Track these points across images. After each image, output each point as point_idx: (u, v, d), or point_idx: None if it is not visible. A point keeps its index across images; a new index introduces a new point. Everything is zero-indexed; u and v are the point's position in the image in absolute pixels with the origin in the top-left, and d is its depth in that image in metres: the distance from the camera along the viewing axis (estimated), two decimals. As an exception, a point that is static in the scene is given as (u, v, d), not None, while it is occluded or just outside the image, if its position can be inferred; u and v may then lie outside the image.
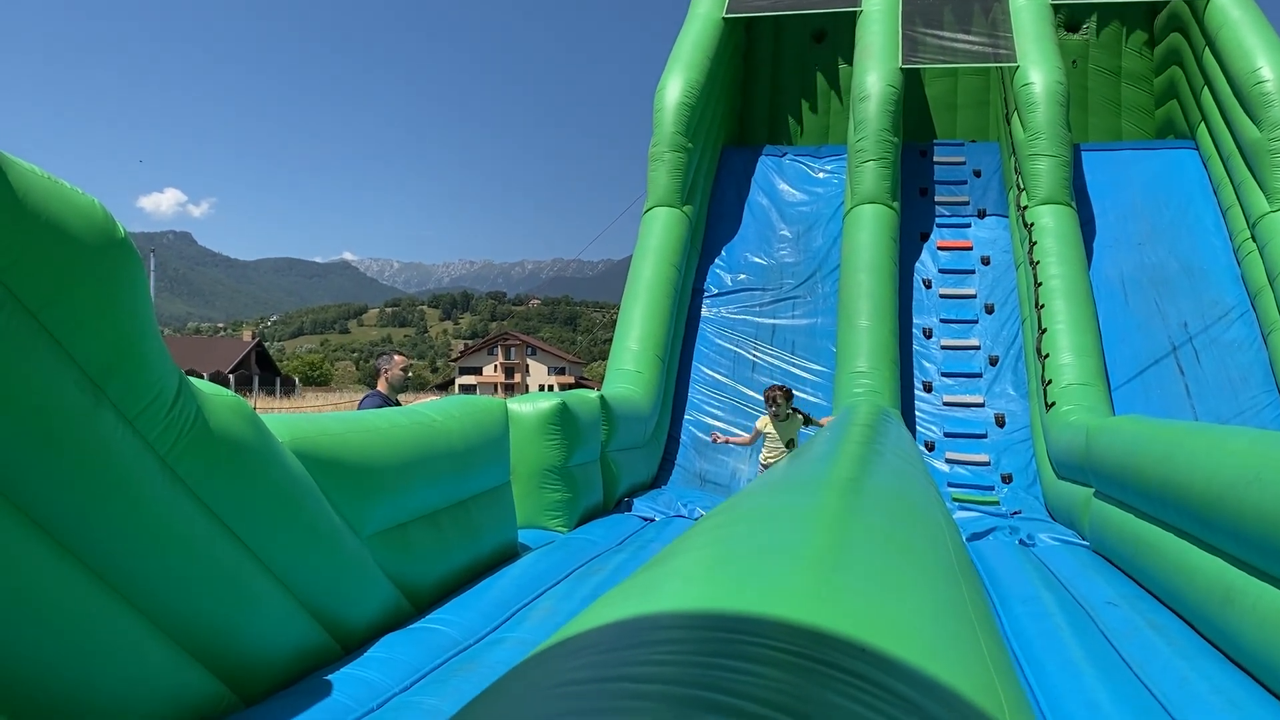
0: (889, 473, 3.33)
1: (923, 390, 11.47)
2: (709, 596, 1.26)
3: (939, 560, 2.00)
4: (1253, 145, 11.24)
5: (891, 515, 2.35)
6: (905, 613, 1.37)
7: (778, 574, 1.41)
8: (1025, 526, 8.58)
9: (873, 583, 1.50)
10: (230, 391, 3.77)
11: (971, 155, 13.74)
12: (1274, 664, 3.85)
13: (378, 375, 7.87)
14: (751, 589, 1.30)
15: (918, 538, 2.15)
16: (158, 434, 3.28)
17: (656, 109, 12.51)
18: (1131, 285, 11.96)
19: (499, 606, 5.12)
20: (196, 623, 3.43)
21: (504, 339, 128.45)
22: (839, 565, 1.53)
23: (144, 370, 3.19)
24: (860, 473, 3.01)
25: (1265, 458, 4.15)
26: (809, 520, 1.90)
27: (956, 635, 1.37)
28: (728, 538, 1.71)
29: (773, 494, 2.36)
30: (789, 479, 2.74)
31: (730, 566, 1.46)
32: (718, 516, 2.09)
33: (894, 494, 2.79)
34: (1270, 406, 10.55)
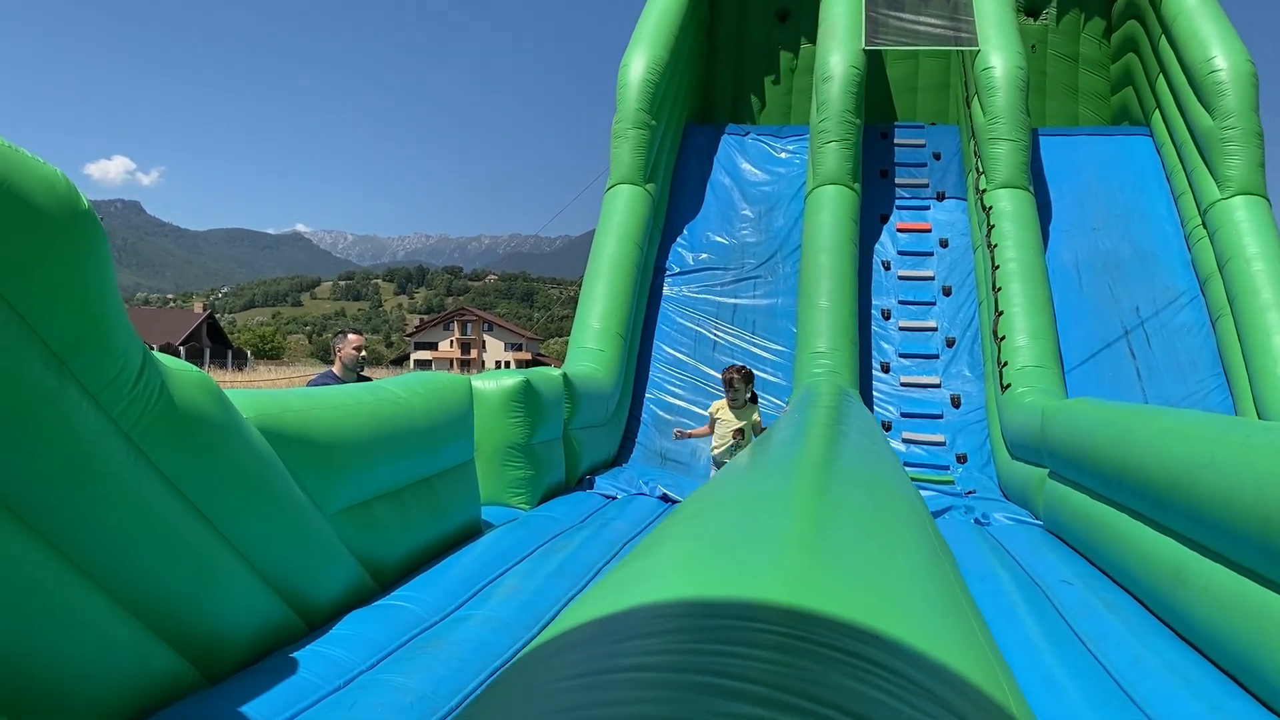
0: (860, 455, 3.37)
1: (880, 371, 11.58)
2: (698, 585, 1.27)
3: (918, 540, 2.03)
4: (1205, 133, 11.43)
5: (868, 496, 2.37)
6: (897, 594, 1.39)
7: (764, 559, 1.42)
8: (980, 506, 8.72)
9: (859, 564, 1.52)
10: (195, 367, 3.72)
11: (931, 138, 13.84)
12: (1225, 643, 3.96)
13: (332, 353, 7.78)
14: (739, 575, 1.31)
15: (896, 519, 2.18)
16: (122, 409, 3.22)
17: (620, 85, 12.45)
18: (1086, 269, 12.15)
19: (463, 584, 5.11)
20: (162, 601, 3.39)
21: (460, 314, 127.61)
22: (824, 549, 1.55)
23: (108, 345, 3.13)
24: (832, 455, 3.04)
25: (1220, 442, 4.24)
26: (788, 505, 1.92)
27: (946, 614, 1.39)
28: (709, 526, 1.72)
29: (748, 480, 2.37)
30: (761, 464, 2.76)
31: (715, 555, 1.46)
32: (695, 504, 2.10)
33: (867, 476, 2.82)
34: (1217, 390, 10.79)
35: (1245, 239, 10.70)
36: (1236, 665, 3.89)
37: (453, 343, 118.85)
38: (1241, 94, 11.12)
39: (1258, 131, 11.21)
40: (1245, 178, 11.05)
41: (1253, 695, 3.73)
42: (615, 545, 6.39)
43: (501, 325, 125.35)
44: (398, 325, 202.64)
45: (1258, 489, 3.74)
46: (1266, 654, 3.63)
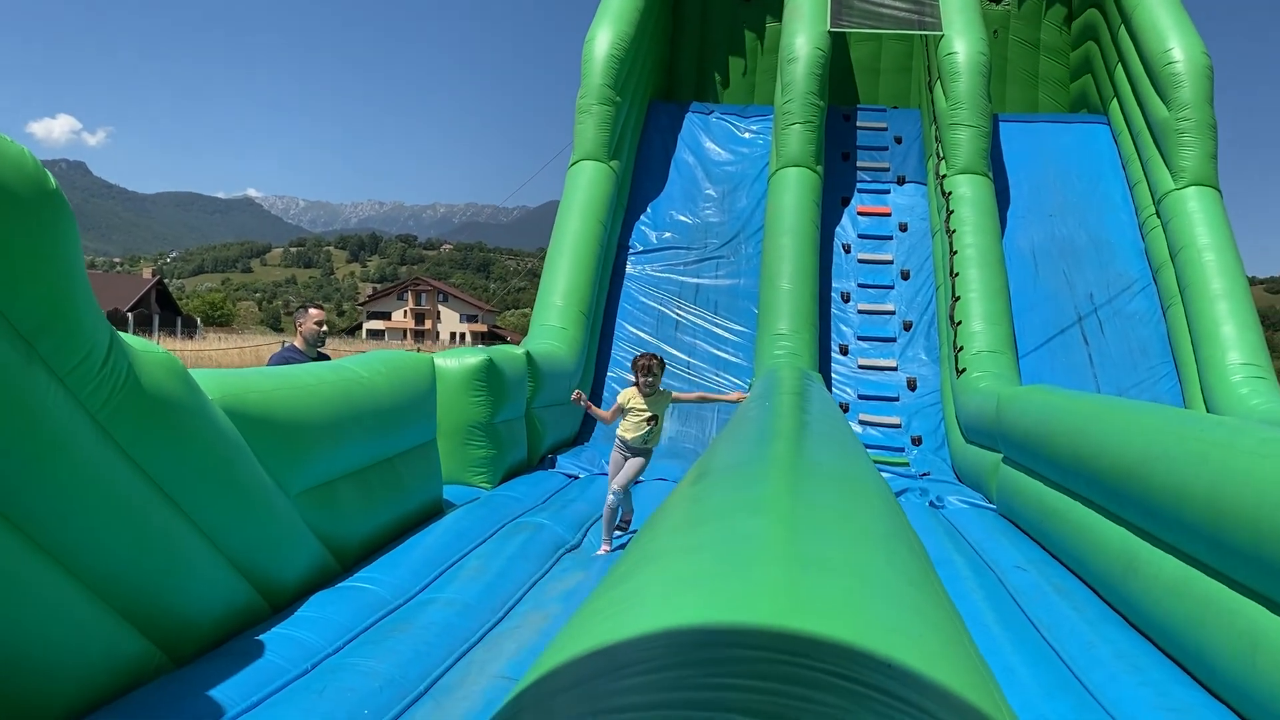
0: (829, 449, 3.41)
1: (839, 353, 11.69)
2: (682, 612, 1.29)
3: (895, 539, 2.07)
4: (1161, 124, 11.62)
5: (842, 496, 2.41)
6: (884, 606, 1.42)
7: (747, 579, 1.44)
8: (935, 489, 8.87)
9: (842, 576, 1.55)
10: (161, 348, 3.67)
11: (893, 122, 13.92)
12: (1174, 631, 4.08)
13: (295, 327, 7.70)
14: (723, 599, 1.33)
15: (872, 516, 2.22)
16: (89, 392, 3.18)
17: (585, 60, 12.36)
18: (1042, 256, 12.33)
19: (427, 565, 5.11)
20: (128, 584, 3.36)
21: (414, 284, 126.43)
22: (806, 562, 1.58)
23: (76, 327, 3.08)
24: (803, 453, 3.07)
25: (1174, 435, 4.35)
26: (766, 513, 1.95)
27: (933, 623, 1.43)
28: (689, 543, 1.74)
29: (723, 486, 2.40)
30: (734, 466, 2.79)
31: (698, 578, 1.47)
32: (672, 516, 2.12)
33: (839, 472, 2.86)
34: (1167, 377, 11.04)
35: (1197, 229, 10.92)
36: (1184, 653, 4.01)
37: (407, 313, 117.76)
38: (1197, 86, 11.31)
39: (1211, 124, 11.42)
40: (1198, 169, 11.25)
41: (1199, 682, 3.86)
42: (578, 526, 6.42)
43: (457, 296, 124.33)
44: (350, 294, 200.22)
45: (1209, 483, 3.85)
46: (1212, 643, 3.75)
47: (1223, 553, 3.69)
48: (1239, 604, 3.55)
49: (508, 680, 3.64)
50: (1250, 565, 3.46)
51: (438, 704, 3.45)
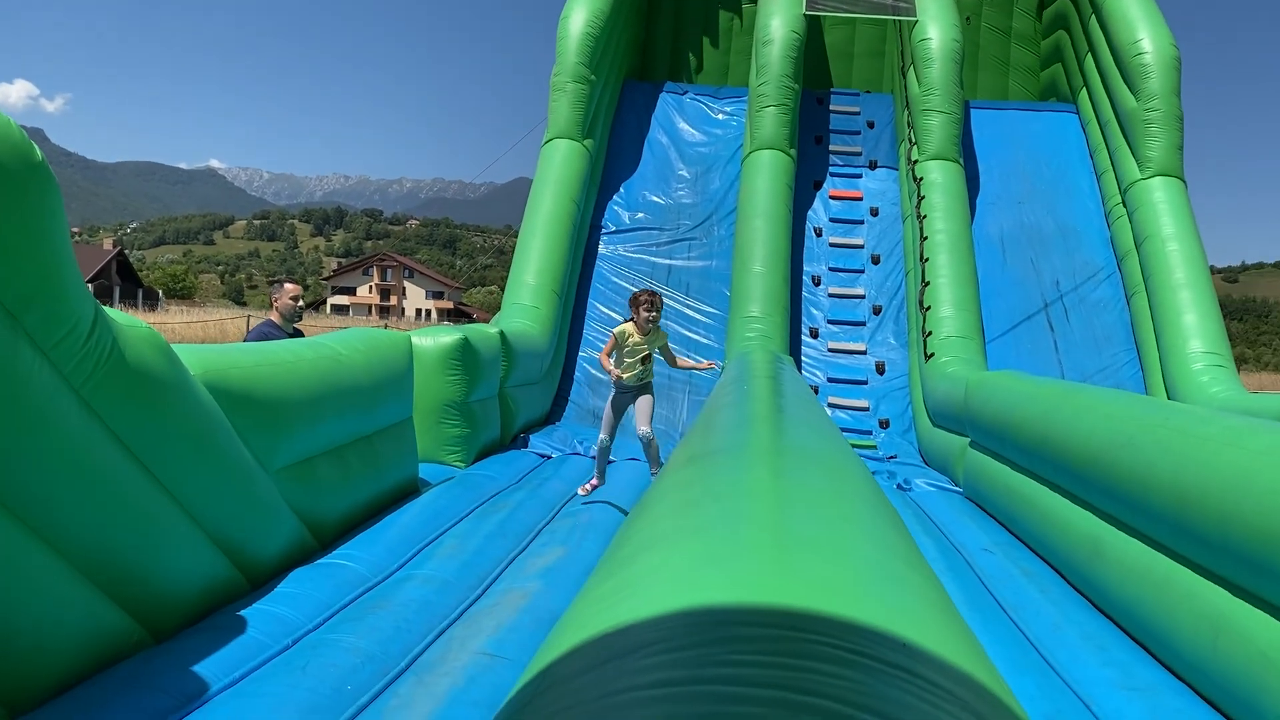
0: (807, 431, 3.47)
1: (809, 336, 11.79)
2: (707, 593, 1.33)
3: (881, 518, 2.13)
4: (1129, 114, 11.78)
5: (827, 478, 2.47)
6: (882, 584, 1.48)
7: (747, 562, 1.48)
8: (902, 471, 9.00)
9: (839, 556, 1.60)
10: (144, 323, 3.66)
11: (866, 106, 13.99)
12: (1138, 613, 4.20)
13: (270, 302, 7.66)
14: (727, 581, 1.37)
15: (857, 498, 2.27)
16: (73, 366, 3.18)
17: (560, 37, 12.31)
18: (1010, 242, 12.48)
19: (404, 543, 5.14)
20: (109, 558, 3.37)
21: (380, 259, 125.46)
22: (808, 543, 1.63)
23: (61, 300, 3.07)
24: (787, 437, 3.13)
25: (1140, 423, 4.46)
26: (755, 498, 2.00)
27: (930, 601, 1.49)
28: (695, 527, 1.77)
29: (710, 472, 2.44)
30: (716, 451, 2.84)
31: (700, 563, 1.51)
32: (668, 500, 2.16)
33: (819, 455, 2.91)
34: (1129, 364, 11.24)
35: (1162, 219, 11.11)
36: (1147, 635, 4.13)
37: (372, 288, 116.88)
38: (1165, 77, 11.47)
39: (1178, 115, 11.60)
40: (1164, 159, 11.43)
41: (1162, 663, 3.98)
42: (553, 505, 6.46)
43: (423, 272, 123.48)
44: (314, 268, 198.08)
45: (1173, 470, 3.95)
46: (1174, 624, 3.86)
47: (1186, 538, 3.80)
48: (1202, 587, 3.66)
49: (489, 657, 3.68)
50: (1213, 550, 3.56)
51: (420, 680, 3.49)
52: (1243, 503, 3.33)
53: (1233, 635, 3.40)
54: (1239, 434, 3.67)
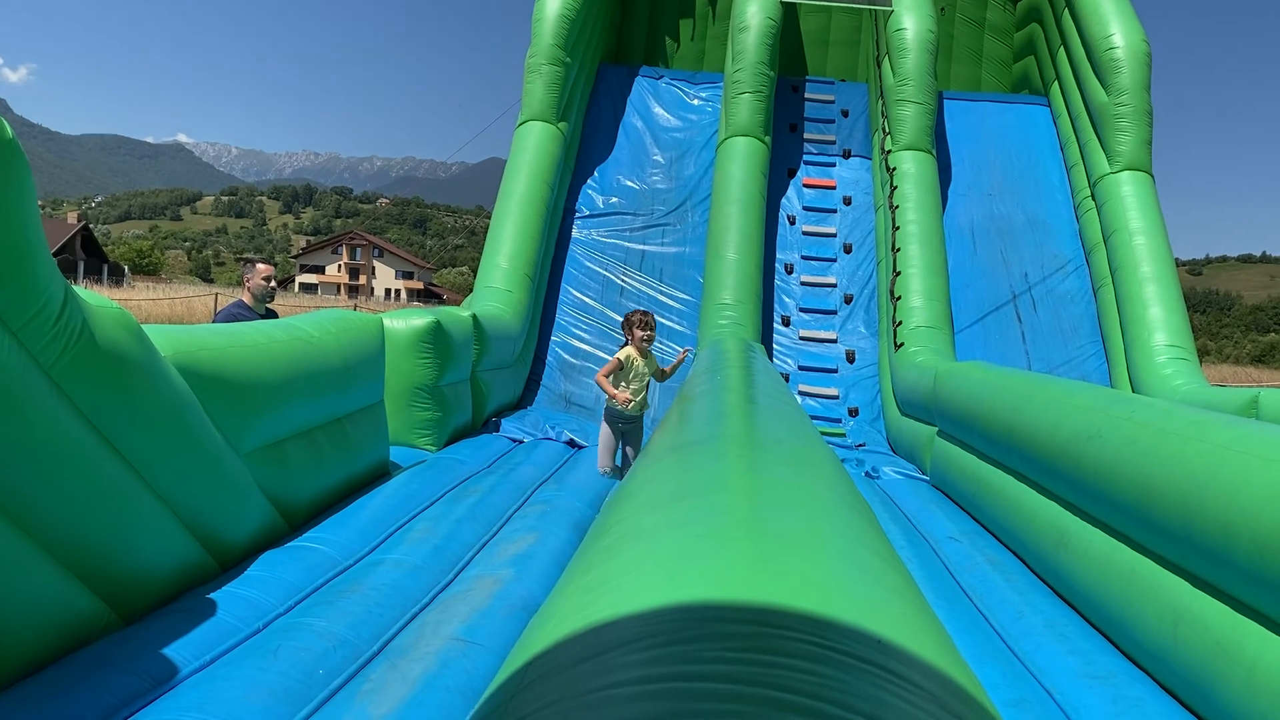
0: (785, 424, 3.50)
1: (781, 324, 11.84)
2: (685, 590, 1.35)
3: (852, 510, 2.16)
4: (1100, 108, 11.89)
5: (799, 471, 2.49)
6: (857, 581, 1.50)
7: (728, 557, 1.50)
8: (870, 459, 9.08)
9: (819, 552, 1.63)
10: (115, 303, 3.62)
11: (841, 95, 14.03)
12: (1101, 603, 4.27)
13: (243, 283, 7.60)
14: (708, 578, 1.39)
15: (829, 490, 2.30)
16: (43, 346, 3.14)
17: (535, 19, 12.24)
18: (980, 233, 12.59)
19: (375, 526, 5.13)
20: (79, 540, 3.34)
21: (349, 238, 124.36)
22: (783, 537, 1.65)
23: (32, 280, 3.04)
24: (761, 429, 3.16)
25: (1108, 415, 4.53)
26: (730, 493, 2.02)
27: (905, 598, 1.52)
28: (671, 522, 1.79)
29: (694, 462, 2.46)
30: (692, 443, 2.86)
31: (688, 558, 1.53)
32: (644, 493, 2.18)
33: (793, 448, 2.94)
34: (1094, 356, 11.39)
35: (1130, 213, 11.24)
36: (1110, 624, 4.21)
37: (341, 267, 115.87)
38: (1136, 72, 11.59)
39: (1148, 110, 11.72)
40: (1133, 154, 11.56)
41: (1123, 652, 4.06)
42: (524, 490, 6.47)
43: (393, 252, 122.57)
44: (283, 246, 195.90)
45: (1138, 463, 4.02)
46: (1136, 614, 3.94)
47: (1150, 530, 3.87)
48: (1164, 578, 3.74)
49: (462, 642, 3.69)
50: (1176, 542, 3.63)
51: (392, 665, 3.50)
52: (1205, 496, 3.40)
53: (1192, 625, 3.47)
54: (1203, 428, 3.74)
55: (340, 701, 3.23)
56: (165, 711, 2.94)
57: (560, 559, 5.08)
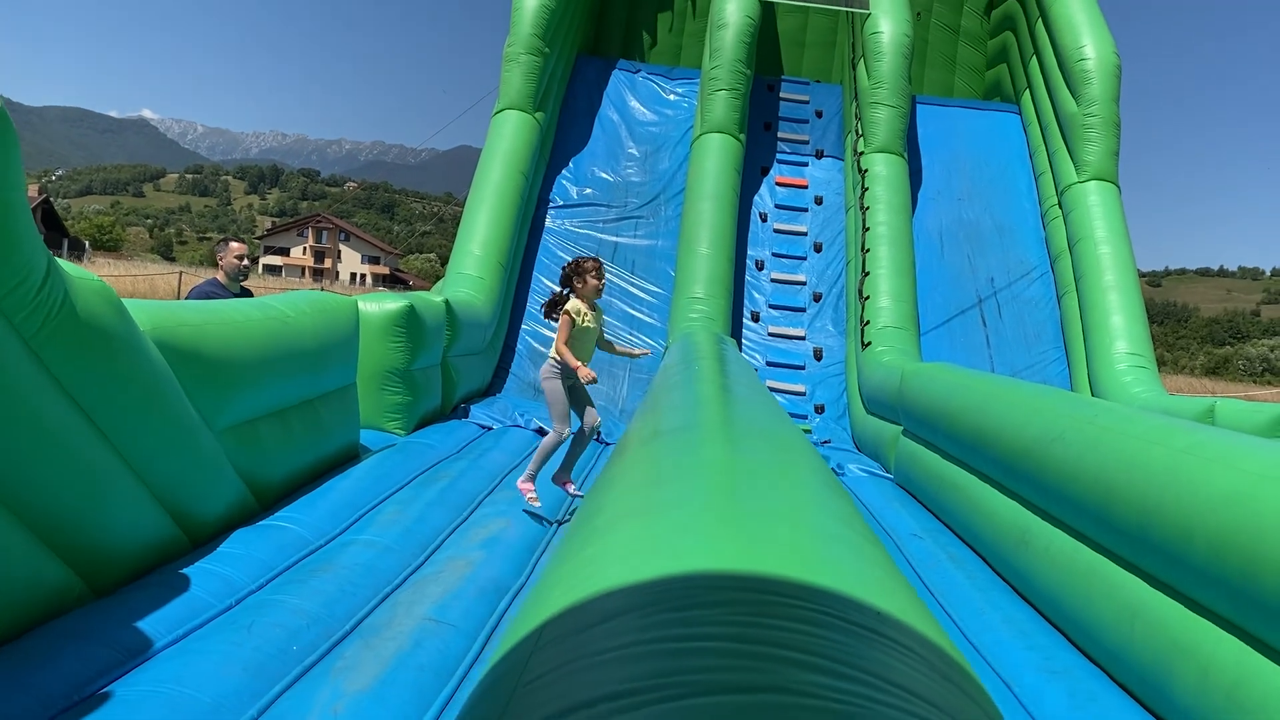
0: (757, 412, 3.56)
1: (750, 320, 11.93)
2: (689, 561, 1.40)
3: (832, 492, 2.22)
4: (1069, 118, 12.07)
5: (778, 455, 2.56)
6: (845, 555, 1.56)
7: (721, 533, 1.55)
8: (835, 456, 9.19)
9: (807, 531, 1.69)
10: (97, 277, 3.61)
11: (815, 95, 14.13)
12: (1061, 600, 4.38)
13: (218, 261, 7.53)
14: (699, 550, 1.44)
15: (808, 471, 2.36)
16: (24, 316, 3.14)
17: (515, 8, 12.21)
18: (948, 237, 12.74)
19: (345, 507, 5.14)
20: (53, 511, 3.34)
21: (316, 220, 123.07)
22: (777, 517, 1.71)
23: (15, 250, 3.04)
24: (741, 415, 3.21)
25: (1071, 419, 4.64)
26: (728, 474, 2.07)
27: (887, 573, 1.58)
28: (663, 501, 1.84)
29: (671, 451, 2.51)
30: (684, 424, 2.91)
31: (686, 533, 1.58)
32: (632, 475, 2.22)
33: (771, 434, 3.00)
34: (1056, 362, 11.59)
35: (1095, 222, 11.43)
36: (1068, 621, 4.32)
37: (306, 250, 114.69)
38: (1105, 84, 11.78)
39: (1116, 121, 11.92)
40: (1101, 164, 11.75)
41: (1080, 650, 4.16)
42: (494, 476, 6.50)
43: (359, 236, 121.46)
44: (247, 226, 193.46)
45: (1100, 466, 4.13)
46: (1094, 612, 4.05)
47: (1110, 530, 3.98)
48: (1122, 578, 3.84)
49: (434, 622, 3.73)
50: (1134, 542, 3.74)
51: (366, 643, 3.52)
52: (1164, 498, 3.50)
53: (1148, 624, 3.58)
54: (1163, 433, 3.85)
55: (314, 678, 3.26)
56: (141, 683, 2.96)
57: (531, 543, 5.12)
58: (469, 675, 3.51)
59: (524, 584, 4.56)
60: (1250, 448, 3.35)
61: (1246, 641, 3.06)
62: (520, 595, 4.39)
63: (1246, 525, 3.01)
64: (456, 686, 3.43)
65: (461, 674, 3.51)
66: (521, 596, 4.36)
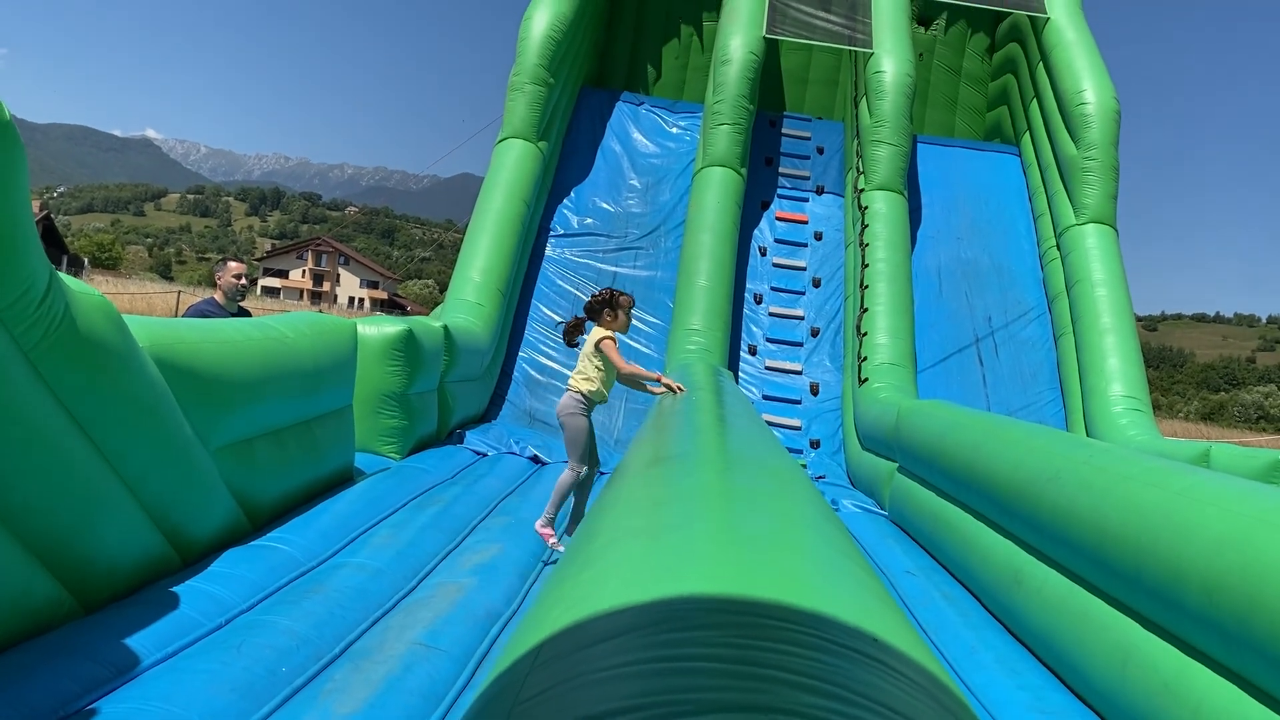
0: (753, 443, 3.57)
1: (748, 353, 11.95)
2: (689, 584, 1.40)
3: (828, 523, 2.22)
4: (1069, 161, 12.17)
5: (777, 485, 2.56)
6: (848, 587, 1.56)
7: (718, 558, 1.56)
8: (830, 492, 9.17)
9: (807, 558, 1.69)
10: (98, 291, 3.63)
11: (817, 132, 14.24)
12: (1053, 640, 4.37)
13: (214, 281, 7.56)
14: (695, 574, 1.45)
15: (807, 504, 2.37)
16: (24, 329, 3.15)
17: (521, 38, 12.33)
18: (947, 276, 12.80)
19: (338, 530, 5.13)
20: (45, 525, 3.33)
21: (316, 244, 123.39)
22: (775, 544, 1.71)
23: (18, 262, 3.05)
24: (739, 446, 3.22)
25: (1066, 459, 4.64)
26: (727, 501, 2.08)
27: (883, 601, 1.58)
28: (662, 525, 1.85)
29: (678, 472, 2.52)
30: (682, 452, 2.92)
31: (685, 557, 1.58)
32: (632, 499, 2.23)
33: (768, 465, 3.01)
34: (1053, 403, 11.61)
35: (1093, 264, 11.50)
36: (1060, 662, 4.30)
37: (305, 273, 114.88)
38: (1105, 128, 11.88)
39: (1114, 165, 12.01)
40: (1099, 207, 11.83)
41: (1072, 690, 4.15)
42: (488, 502, 6.48)
43: (359, 260, 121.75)
44: (247, 248, 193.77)
45: (1094, 506, 4.13)
46: (1086, 653, 4.03)
47: (1103, 571, 3.97)
48: (1115, 619, 3.83)
49: (425, 648, 3.71)
50: (1128, 584, 3.74)
51: (355, 666, 3.51)
52: (1158, 540, 3.50)
53: (1141, 665, 3.57)
54: (1157, 475, 3.85)
55: (303, 699, 3.24)
56: (129, 700, 2.94)
57: (524, 570, 5.10)
58: (458, 701, 3.49)
59: (515, 611, 4.54)
60: (1244, 491, 3.36)
61: (1239, 685, 3.05)
62: (512, 622, 4.37)
63: (1240, 568, 3.01)
64: (446, 712, 3.41)
65: (451, 700, 3.49)
66: (513, 624, 4.34)
